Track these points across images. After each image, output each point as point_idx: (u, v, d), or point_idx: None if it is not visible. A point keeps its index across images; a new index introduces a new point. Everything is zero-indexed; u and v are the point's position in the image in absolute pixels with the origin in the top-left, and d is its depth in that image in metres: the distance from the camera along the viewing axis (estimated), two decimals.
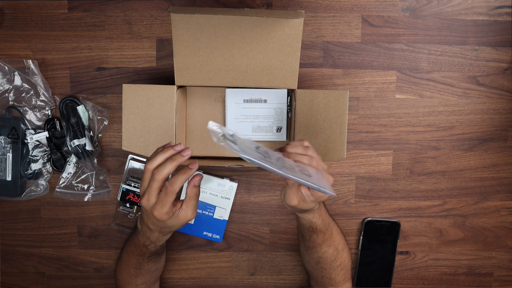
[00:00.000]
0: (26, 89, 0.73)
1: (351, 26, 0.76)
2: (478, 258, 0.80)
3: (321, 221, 0.65)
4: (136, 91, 0.64)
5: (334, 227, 0.71)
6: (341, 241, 0.72)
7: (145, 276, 0.68)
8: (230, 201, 0.77)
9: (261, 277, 0.80)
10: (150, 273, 0.68)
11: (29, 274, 0.78)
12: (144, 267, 0.66)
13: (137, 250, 0.64)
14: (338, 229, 0.74)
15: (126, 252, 0.68)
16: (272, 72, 0.65)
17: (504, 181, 0.79)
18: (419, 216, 0.79)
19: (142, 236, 0.62)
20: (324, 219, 0.66)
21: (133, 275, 0.67)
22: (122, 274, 0.69)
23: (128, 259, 0.67)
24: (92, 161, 0.74)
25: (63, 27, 0.74)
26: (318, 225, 0.64)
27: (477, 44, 0.77)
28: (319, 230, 0.65)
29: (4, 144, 0.73)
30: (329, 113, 0.66)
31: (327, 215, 0.68)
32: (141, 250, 0.64)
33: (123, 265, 0.68)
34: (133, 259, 0.66)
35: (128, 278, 0.68)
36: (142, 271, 0.67)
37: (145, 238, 0.62)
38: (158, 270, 0.71)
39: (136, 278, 0.67)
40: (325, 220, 0.66)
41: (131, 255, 0.66)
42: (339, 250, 0.70)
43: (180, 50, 0.63)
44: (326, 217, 0.67)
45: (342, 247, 0.72)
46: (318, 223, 0.64)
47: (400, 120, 0.77)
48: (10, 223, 0.77)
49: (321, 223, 0.65)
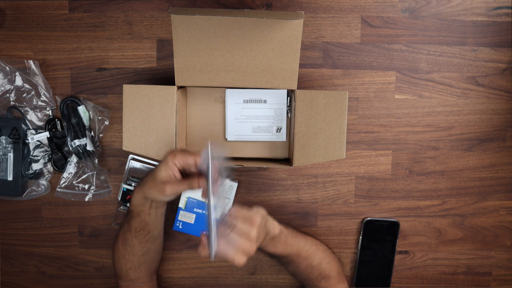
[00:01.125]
0: (27, 90, 0.73)
1: (351, 27, 0.76)
2: (477, 258, 0.81)
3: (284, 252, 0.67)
4: (136, 92, 0.64)
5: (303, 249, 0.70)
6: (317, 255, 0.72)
7: (131, 257, 0.68)
8: (230, 201, 0.77)
9: (261, 276, 0.80)
10: (135, 253, 0.68)
11: (30, 274, 0.79)
12: (128, 243, 0.67)
13: (125, 226, 0.67)
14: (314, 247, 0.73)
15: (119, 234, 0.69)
16: (272, 73, 0.65)
17: (502, 181, 0.79)
18: (418, 215, 0.79)
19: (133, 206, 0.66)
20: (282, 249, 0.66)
21: (121, 255, 0.68)
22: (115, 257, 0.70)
23: (117, 240, 0.69)
24: (93, 161, 0.74)
25: (64, 27, 0.74)
26: (282, 257, 0.69)
27: (476, 44, 0.77)
28: (286, 261, 0.70)
29: (5, 144, 0.73)
30: (329, 113, 0.66)
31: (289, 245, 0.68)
32: (128, 225, 0.66)
33: (115, 247, 0.70)
34: (121, 236, 0.68)
35: (118, 259, 0.69)
36: (127, 248, 0.67)
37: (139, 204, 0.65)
38: (145, 255, 0.69)
39: (123, 259, 0.68)
40: (285, 251, 0.67)
41: (121, 233, 0.68)
42: (316, 264, 0.71)
43: (180, 51, 0.63)
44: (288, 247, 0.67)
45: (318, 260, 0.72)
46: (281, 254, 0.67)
47: (399, 120, 0.78)
48: (11, 223, 0.78)
49: (284, 253, 0.67)
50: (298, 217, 0.79)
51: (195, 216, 0.77)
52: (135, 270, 0.69)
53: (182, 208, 0.77)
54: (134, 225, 0.66)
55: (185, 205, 0.77)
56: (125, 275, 0.69)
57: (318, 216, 0.79)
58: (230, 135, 0.73)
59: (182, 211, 0.77)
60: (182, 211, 0.77)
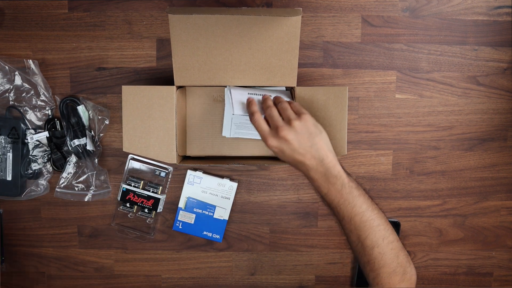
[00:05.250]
0: (26, 89, 0.73)
1: (351, 26, 0.76)
2: (478, 258, 0.80)
3: (327, 196, 0.58)
4: (135, 92, 0.64)
5: (360, 215, 0.58)
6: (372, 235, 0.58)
7: None
8: (230, 201, 0.77)
9: (261, 277, 0.80)
10: None
11: (29, 274, 0.79)
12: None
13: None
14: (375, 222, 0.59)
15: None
16: (271, 70, 0.65)
17: (503, 181, 0.79)
18: (419, 216, 0.79)
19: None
20: (334, 197, 0.58)
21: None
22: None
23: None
24: (92, 161, 0.74)
25: (64, 27, 0.74)
26: (324, 199, 0.60)
27: (477, 44, 0.77)
28: (329, 206, 0.60)
29: (5, 144, 0.73)
30: (329, 109, 0.66)
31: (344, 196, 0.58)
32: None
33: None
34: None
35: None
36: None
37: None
38: None
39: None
40: (335, 199, 0.58)
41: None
42: (366, 245, 0.58)
43: (178, 50, 0.63)
44: (340, 197, 0.58)
45: (372, 243, 0.58)
46: (322, 194, 0.59)
47: (400, 120, 0.77)
48: (10, 223, 0.77)
49: (327, 198, 0.59)
50: (298, 217, 0.78)
51: (195, 216, 0.77)
52: None
53: (182, 208, 0.77)
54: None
55: (185, 205, 0.77)
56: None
57: (319, 216, 0.79)
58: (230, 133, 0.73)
59: (182, 211, 0.77)
60: (182, 211, 0.77)
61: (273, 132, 0.58)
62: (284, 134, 0.57)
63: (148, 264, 0.79)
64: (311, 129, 0.58)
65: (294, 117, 0.59)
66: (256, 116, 0.60)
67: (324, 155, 0.58)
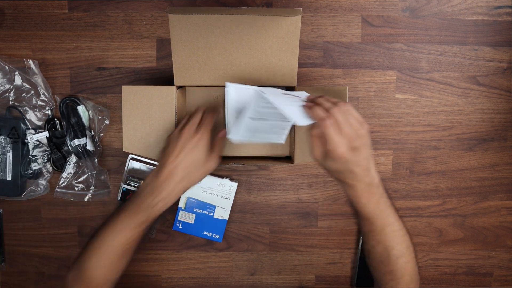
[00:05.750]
0: (26, 89, 0.73)
1: (351, 26, 0.76)
2: (478, 258, 0.80)
3: (366, 206, 0.57)
4: (135, 92, 0.64)
5: (390, 226, 0.58)
6: (399, 245, 0.59)
7: (124, 266, 0.61)
8: (230, 201, 0.77)
9: (261, 277, 0.80)
10: (127, 263, 0.61)
11: (30, 274, 0.79)
12: (134, 247, 0.60)
13: (134, 218, 0.58)
14: (402, 232, 0.59)
15: (112, 229, 0.59)
16: (271, 70, 0.65)
17: (504, 181, 0.79)
18: (419, 216, 0.79)
19: (147, 195, 0.58)
20: (373, 207, 0.57)
21: (115, 261, 0.59)
22: (96, 266, 0.59)
23: (113, 238, 0.58)
24: (92, 161, 0.74)
25: (64, 27, 0.74)
26: (361, 208, 0.57)
27: (477, 44, 0.77)
28: (363, 216, 0.58)
29: (5, 144, 0.73)
30: None
31: (381, 206, 0.57)
32: (139, 218, 0.58)
33: (103, 250, 0.59)
34: (124, 234, 0.58)
35: (105, 269, 0.59)
36: (129, 254, 0.60)
37: (153, 196, 0.57)
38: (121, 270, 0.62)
39: (117, 271, 0.60)
40: (373, 210, 0.57)
41: (121, 231, 0.58)
42: (393, 255, 0.58)
43: (178, 50, 0.63)
44: (377, 208, 0.57)
45: (399, 253, 0.58)
46: (360, 205, 0.57)
47: (400, 120, 0.77)
48: (10, 223, 0.77)
49: (365, 208, 0.57)
50: (298, 217, 0.78)
51: (195, 216, 0.77)
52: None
53: (182, 208, 0.77)
54: (150, 216, 0.58)
55: (185, 205, 0.77)
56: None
57: (319, 216, 0.79)
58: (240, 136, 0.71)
59: (182, 211, 0.77)
60: (182, 211, 0.77)
61: (346, 141, 0.52)
62: (358, 144, 0.53)
63: (148, 264, 0.79)
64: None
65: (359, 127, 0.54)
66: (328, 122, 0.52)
67: (372, 165, 0.56)
